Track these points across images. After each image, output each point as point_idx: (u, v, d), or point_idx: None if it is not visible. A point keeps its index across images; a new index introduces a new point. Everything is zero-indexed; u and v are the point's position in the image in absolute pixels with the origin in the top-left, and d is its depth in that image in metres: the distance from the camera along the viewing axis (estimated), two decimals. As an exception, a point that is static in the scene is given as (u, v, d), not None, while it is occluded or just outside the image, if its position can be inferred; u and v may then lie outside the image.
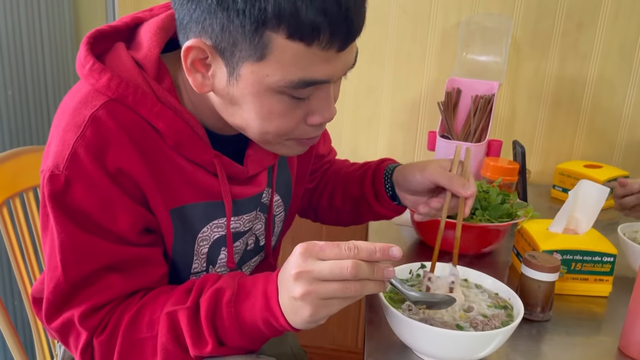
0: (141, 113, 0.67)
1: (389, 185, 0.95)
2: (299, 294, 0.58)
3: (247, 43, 0.60)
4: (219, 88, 0.66)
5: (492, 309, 0.75)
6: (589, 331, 0.87)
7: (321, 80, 0.64)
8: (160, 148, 0.69)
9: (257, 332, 0.65)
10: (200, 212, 0.74)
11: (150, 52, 0.69)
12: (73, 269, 0.65)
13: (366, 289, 0.59)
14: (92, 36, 0.70)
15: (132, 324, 0.67)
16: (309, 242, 0.60)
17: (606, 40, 1.49)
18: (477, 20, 1.47)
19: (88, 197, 0.64)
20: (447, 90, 1.39)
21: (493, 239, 1.06)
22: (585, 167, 1.43)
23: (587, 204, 0.97)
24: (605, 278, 0.94)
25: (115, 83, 0.66)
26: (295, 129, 0.69)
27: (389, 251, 0.60)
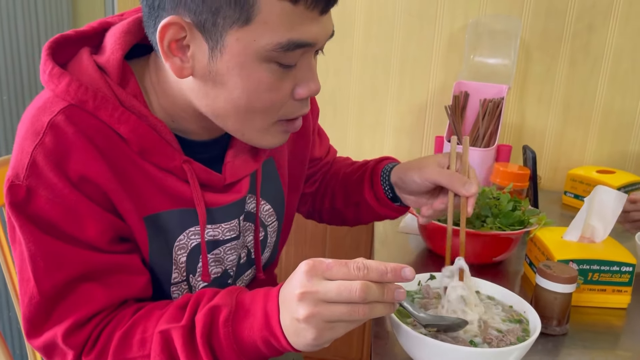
0: (102, 118, 0.63)
1: (387, 188, 0.91)
2: (303, 316, 0.54)
3: (232, 7, 0.57)
4: (200, 69, 0.62)
5: (507, 324, 0.71)
6: (607, 345, 0.82)
7: (308, 42, 0.62)
8: (126, 154, 0.65)
9: (256, 353, 0.61)
10: (175, 220, 0.70)
11: (113, 56, 0.66)
12: (46, 280, 0.62)
13: (375, 312, 0.55)
14: (56, 41, 0.67)
15: (122, 343, 0.63)
16: (315, 259, 0.56)
17: (618, 42, 1.45)
18: (485, 22, 1.43)
19: (51, 206, 0.61)
20: (454, 94, 1.35)
21: (504, 247, 1.02)
22: (597, 173, 1.39)
23: (604, 211, 0.93)
24: (624, 289, 0.89)
25: (74, 87, 0.63)
26: (283, 104, 0.66)
27: (402, 272, 0.55)
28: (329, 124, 1.58)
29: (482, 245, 1.00)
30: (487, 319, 0.70)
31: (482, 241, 0.99)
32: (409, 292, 0.77)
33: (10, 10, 1.40)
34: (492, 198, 1.06)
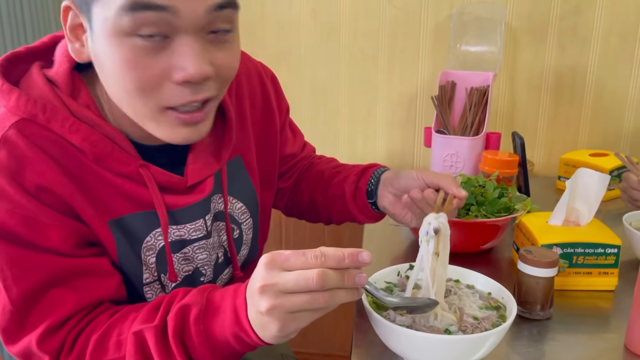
0: (54, 129, 0.65)
1: (373, 181, 0.92)
2: (265, 309, 0.55)
3: None
4: (92, 52, 0.63)
5: (484, 311, 0.71)
6: (593, 328, 0.82)
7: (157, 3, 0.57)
8: (82, 163, 0.66)
9: (228, 349, 0.62)
10: (140, 222, 0.71)
11: (61, 67, 0.67)
12: (14, 288, 0.63)
13: (337, 299, 0.55)
14: (7, 59, 0.68)
15: (99, 346, 0.64)
16: (273, 252, 0.57)
17: (606, 22, 1.43)
18: (470, 10, 1.43)
19: (11, 218, 0.62)
20: (440, 84, 1.34)
21: (491, 235, 1.02)
22: (590, 156, 1.38)
23: (588, 194, 0.92)
24: (610, 271, 0.89)
25: (23, 102, 0.64)
26: (158, 85, 0.61)
27: (359, 256, 0.56)
28: (321, 120, 1.58)
29: (468, 234, 1.00)
30: (463, 307, 0.70)
31: (467, 229, 0.99)
32: (389, 283, 0.77)
33: None
34: (478, 186, 1.06)
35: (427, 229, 0.69)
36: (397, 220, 0.90)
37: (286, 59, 1.54)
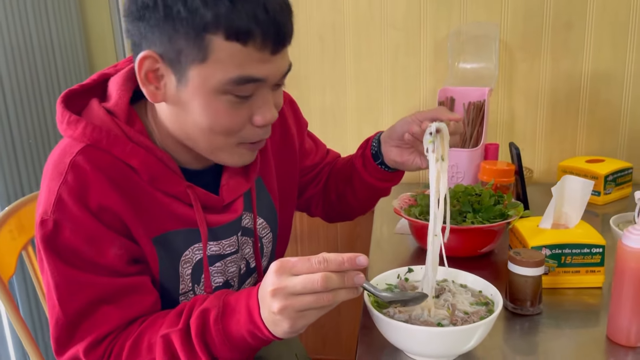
0: (115, 153, 0.75)
1: (375, 144, 1.00)
2: (277, 309, 0.64)
3: (191, 48, 0.69)
4: (170, 96, 0.73)
5: (474, 306, 0.79)
6: (580, 322, 0.89)
7: (258, 77, 0.71)
8: (136, 183, 0.76)
9: (244, 344, 0.71)
10: (180, 238, 0.80)
11: (121, 100, 0.78)
12: (69, 304, 0.72)
13: (339, 297, 0.64)
14: (66, 96, 0.79)
15: (133, 350, 0.73)
16: (282, 259, 0.66)
17: (596, 34, 1.51)
18: (466, 30, 1.52)
19: (75, 236, 0.72)
20: (439, 100, 1.43)
21: (489, 239, 1.09)
22: (587, 163, 1.45)
23: (574, 198, 1.00)
24: (597, 269, 0.96)
25: (89, 130, 0.75)
26: (241, 128, 0.75)
27: (356, 260, 0.64)
28: (329, 136, 1.68)
29: (466, 239, 1.08)
30: (455, 303, 0.79)
31: (466, 235, 1.07)
32: (390, 285, 0.86)
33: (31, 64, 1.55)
34: (474, 195, 1.14)
35: (431, 129, 0.81)
36: (408, 168, 0.97)
37: (296, 84, 1.65)
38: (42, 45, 1.58)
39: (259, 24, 0.68)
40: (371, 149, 1.00)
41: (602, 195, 1.39)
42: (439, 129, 0.80)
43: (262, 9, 0.68)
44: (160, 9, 0.68)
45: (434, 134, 0.81)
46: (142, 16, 0.70)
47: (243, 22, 0.68)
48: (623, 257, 0.78)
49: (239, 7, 0.67)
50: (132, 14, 0.72)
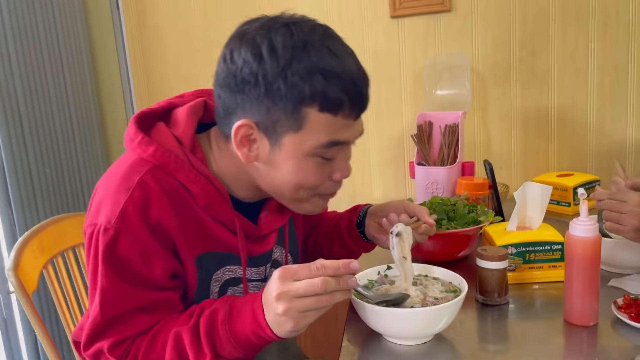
0: (179, 178, 0.83)
1: (361, 214, 1.10)
2: (282, 311, 0.73)
3: (288, 119, 0.78)
4: (262, 157, 0.83)
5: (444, 293, 0.90)
6: (543, 311, 1.00)
7: (344, 141, 0.82)
8: (191, 207, 0.84)
9: (248, 343, 0.79)
10: (216, 259, 0.89)
11: (187, 130, 0.86)
12: (109, 310, 0.80)
13: (335, 299, 0.75)
14: (138, 116, 0.88)
15: (149, 347, 0.82)
16: (284, 266, 0.76)
17: (559, 62, 1.66)
18: (440, 60, 1.67)
19: (132, 247, 0.79)
20: (418, 124, 1.57)
21: (464, 244, 1.21)
22: (558, 177, 1.57)
23: (535, 203, 1.12)
24: (558, 264, 1.07)
25: (160, 153, 0.83)
26: (322, 184, 0.85)
27: (350, 265, 0.75)
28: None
29: (444, 244, 1.19)
30: (427, 292, 0.90)
31: (444, 240, 1.19)
32: (370, 281, 0.97)
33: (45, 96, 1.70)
34: (450, 205, 1.26)
35: (393, 230, 0.90)
36: (380, 245, 1.08)
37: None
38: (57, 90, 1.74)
39: (349, 96, 0.79)
40: (357, 217, 1.10)
41: (572, 205, 1.51)
42: (399, 233, 0.90)
43: (351, 82, 0.78)
44: (262, 86, 0.77)
45: (392, 236, 0.90)
46: (241, 90, 0.79)
47: (335, 96, 0.77)
48: (571, 245, 0.90)
49: (332, 82, 0.77)
50: (228, 85, 0.80)
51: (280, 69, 0.76)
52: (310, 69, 0.76)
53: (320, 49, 0.78)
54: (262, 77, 0.77)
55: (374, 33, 1.76)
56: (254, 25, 0.81)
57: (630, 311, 0.90)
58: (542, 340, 0.89)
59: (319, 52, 0.77)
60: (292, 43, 0.77)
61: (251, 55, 0.78)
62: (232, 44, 0.81)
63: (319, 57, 0.77)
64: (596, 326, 0.90)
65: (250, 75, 0.78)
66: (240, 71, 0.78)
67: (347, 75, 0.78)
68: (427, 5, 1.69)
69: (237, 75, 0.79)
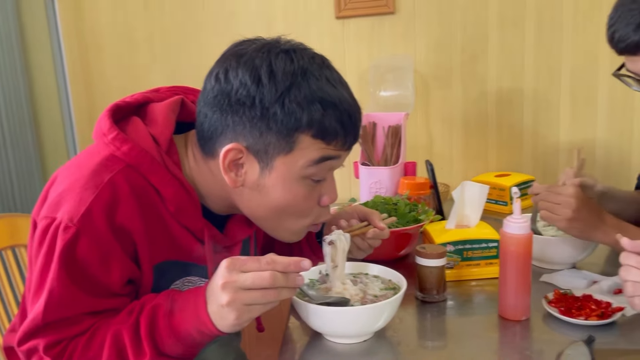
0: (151, 180, 0.79)
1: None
2: (226, 301, 0.71)
3: (280, 143, 0.77)
4: (250, 182, 0.80)
5: (383, 291, 0.91)
6: (479, 307, 1.04)
7: (335, 156, 0.80)
8: (159, 212, 0.81)
9: (190, 339, 0.77)
10: (178, 269, 0.86)
11: (166, 130, 0.83)
12: (53, 312, 0.75)
13: (282, 295, 0.73)
14: (112, 109, 0.83)
15: (86, 346, 0.78)
16: (233, 257, 0.74)
17: (498, 66, 1.72)
18: (384, 62, 1.70)
19: (92, 249, 0.75)
20: (362, 125, 1.58)
21: (405, 242, 1.23)
22: (496, 177, 1.63)
23: (473, 201, 1.15)
24: (494, 261, 1.11)
25: (135, 152, 0.79)
26: (312, 210, 0.84)
27: (301, 264, 0.74)
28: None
29: (385, 242, 1.20)
30: (366, 290, 0.91)
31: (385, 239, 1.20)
32: (312, 280, 0.97)
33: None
34: (392, 204, 1.28)
35: (325, 238, 0.91)
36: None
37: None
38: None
39: (344, 128, 0.78)
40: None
41: (509, 204, 1.56)
42: (331, 242, 0.90)
43: (347, 114, 0.78)
44: (258, 109, 0.76)
45: (325, 244, 0.90)
46: (235, 111, 0.77)
47: (332, 127, 0.77)
48: (505, 242, 0.93)
49: (329, 113, 0.76)
50: (219, 105, 0.78)
51: (279, 95, 0.76)
52: (309, 97, 0.76)
53: (320, 78, 0.77)
54: (259, 101, 0.76)
55: (319, 33, 1.76)
56: (251, 46, 0.80)
57: (560, 305, 0.94)
58: (478, 336, 0.91)
59: (318, 81, 0.77)
60: (292, 70, 0.76)
61: (249, 77, 0.76)
62: (227, 63, 0.79)
63: (318, 86, 0.76)
64: (528, 320, 0.94)
65: (246, 97, 0.76)
66: (236, 92, 0.77)
67: (343, 106, 0.78)
68: (372, 7, 1.71)
69: (231, 95, 0.77)
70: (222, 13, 1.81)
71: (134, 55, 1.86)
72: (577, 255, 1.11)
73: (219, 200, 0.87)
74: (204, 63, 0.85)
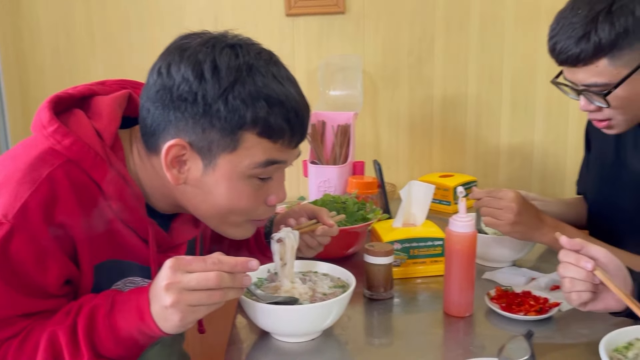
0: (94, 176, 0.76)
1: (268, 223, 1.08)
2: (170, 303, 0.69)
3: (224, 140, 0.75)
4: (193, 179, 0.78)
5: (332, 289, 0.91)
6: (425, 304, 1.06)
7: (281, 160, 0.79)
8: (101, 210, 0.77)
9: (131, 341, 0.74)
10: (119, 268, 0.82)
11: (111, 125, 0.80)
12: None
13: (228, 296, 0.72)
14: (53, 100, 0.79)
15: (19, 349, 0.73)
16: (177, 257, 0.72)
17: (443, 69, 1.76)
18: (334, 61, 1.70)
19: (27, 247, 0.71)
20: (312, 123, 1.58)
21: (353, 241, 1.23)
22: (440, 177, 1.67)
23: (419, 200, 1.18)
24: (439, 259, 1.13)
25: (78, 147, 0.75)
26: (257, 208, 0.82)
27: (248, 264, 0.73)
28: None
29: (334, 241, 1.20)
30: (315, 288, 0.90)
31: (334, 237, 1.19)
32: (260, 279, 0.95)
33: None
34: (341, 203, 1.28)
35: (274, 236, 0.90)
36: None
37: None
38: None
39: (290, 126, 0.76)
40: (265, 227, 1.08)
41: (452, 204, 1.60)
42: (280, 239, 0.90)
43: (294, 112, 0.76)
44: (200, 106, 0.73)
45: (273, 242, 0.90)
46: (177, 107, 0.74)
47: (278, 124, 0.75)
48: (450, 240, 0.95)
49: (275, 110, 0.75)
50: (161, 100, 0.75)
51: (222, 91, 0.74)
52: (254, 94, 0.74)
53: (266, 75, 0.75)
54: (201, 97, 0.74)
55: (268, 31, 1.74)
56: (195, 40, 0.77)
57: (501, 302, 0.97)
58: (424, 332, 0.93)
59: (264, 77, 0.75)
60: (237, 65, 0.75)
61: (192, 72, 0.74)
62: (170, 57, 0.76)
63: (263, 83, 0.75)
64: (472, 316, 0.97)
65: (188, 93, 0.74)
66: (178, 87, 0.74)
67: (290, 104, 0.76)
68: (322, 5, 1.71)
69: (173, 91, 0.75)
70: (168, 7, 1.76)
71: (72, 46, 1.78)
72: (517, 253, 1.15)
73: (163, 199, 0.85)
74: (148, 57, 0.82)
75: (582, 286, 0.77)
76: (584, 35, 0.93)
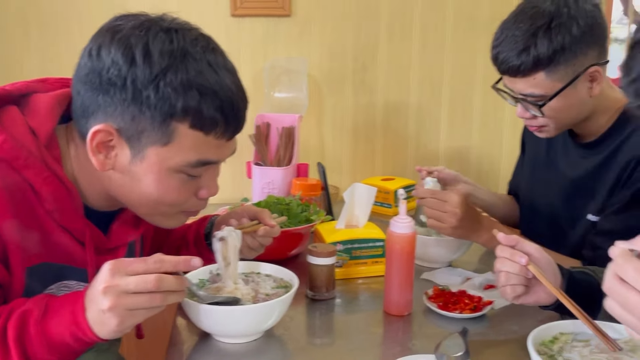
0: (27, 176, 0.73)
1: (209, 225, 1.06)
2: (107, 307, 0.66)
3: (155, 131, 0.72)
4: (120, 167, 0.75)
5: (275, 289, 0.91)
6: (366, 304, 1.08)
7: (213, 161, 0.77)
8: (34, 210, 0.74)
9: (65, 347, 0.71)
10: (53, 272, 0.79)
11: (47, 123, 0.77)
12: None
13: (169, 299, 0.70)
14: None
15: None
16: (117, 259, 0.69)
17: (386, 76, 1.81)
18: (279, 63, 1.71)
19: None
20: (256, 124, 1.58)
21: (296, 242, 1.24)
22: (382, 181, 1.70)
23: (362, 203, 1.20)
24: (380, 260, 1.16)
25: (9, 145, 0.72)
26: (187, 201, 0.80)
27: (191, 262, 0.71)
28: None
29: (276, 242, 1.20)
30: (258, 288, 0.90)
31: (277, 238, 1.18)
32: (202, 280, 0.94)
33: None
34: (285, 204, 1.29)
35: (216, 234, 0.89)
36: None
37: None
38: None
39: (224, 116, 0.74)
40: (205, 228, 1.06)
41: (393, 207, 1.64)
42: (222, 238, 0.89)
43: (229, 102, 0.74)
44: (129, 91, 0.71)
45: (215, 240, 0.89)
46: (105, 90, 0.72)
47: (210, 114, 0.72)
48: (391, 241, 0.98)
49: (208, 100, 0.72)
50: (90, 83, 0.72)
51: (153, 77, 0.71)
52: (185, 82, 0.72)
53: (200, 62, 0.73)
54: (130, 82, 0.71)
55: (214, 30, 1.67)
56: (130, 22, 0.74)
57: (439, 301, 1.01)
58: (364, 331, 0.95)
59: (199, 65, 0.73)
60: (170, 51, 0.72)
61: (122, 55, 0.71)
62: (101, 39, 0.73)
63: (197, 71, 0.73)
64: (410, 315, 0.99)
65: (117, 77, 0.71)
66: (107, 71, 0.72)
67: (224, 93, 0.74)
68: (267, 7, 1.71)
69: (102, 74, 0.72)
70: (109, 4, 1.70)
71: (4, 41, 1.69)
72: (453, 254, 1.20)
73: (98, 193, 0.82)
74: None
75: (516, 280, 0.81)
76: (524, 49, 0.98)
